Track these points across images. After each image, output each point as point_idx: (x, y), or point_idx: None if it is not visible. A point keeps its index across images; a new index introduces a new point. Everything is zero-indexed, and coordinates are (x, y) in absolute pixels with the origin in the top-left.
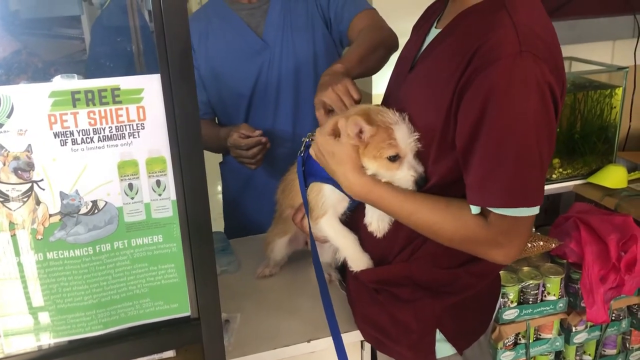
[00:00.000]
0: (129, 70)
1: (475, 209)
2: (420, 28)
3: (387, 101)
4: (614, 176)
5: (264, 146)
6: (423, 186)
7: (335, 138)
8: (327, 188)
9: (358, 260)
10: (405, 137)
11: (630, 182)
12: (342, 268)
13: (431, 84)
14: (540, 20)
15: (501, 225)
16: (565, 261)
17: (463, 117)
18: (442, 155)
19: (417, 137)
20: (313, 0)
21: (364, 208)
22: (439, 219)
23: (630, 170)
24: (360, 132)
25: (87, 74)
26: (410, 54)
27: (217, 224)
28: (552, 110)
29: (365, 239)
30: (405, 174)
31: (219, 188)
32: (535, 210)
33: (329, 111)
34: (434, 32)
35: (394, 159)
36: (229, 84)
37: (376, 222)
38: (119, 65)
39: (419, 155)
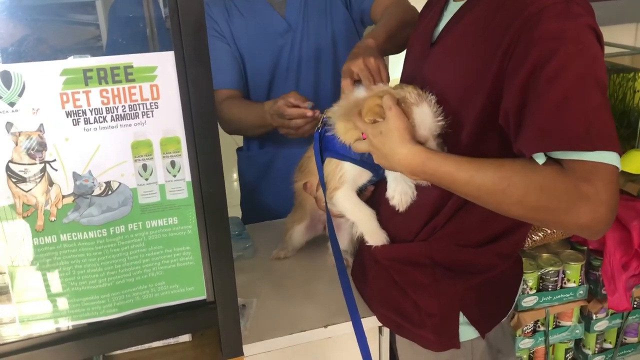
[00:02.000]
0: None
1: (540, 159)
2: (436, 3)
3: (410, 80)
4: (636, 161)
5: (311, 119)
6: None
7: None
8: (347, 162)
9: (375, 235)
10: (427, 120)
11: None
12: (360, 252)
13: (462, 54)
14: None
15: (580, 169)
16: (585, 248)
17: (514, 73)
18: (481, 133)
19: (441, 121)
20: None
21: (385, 184)
22: (505, 173)
23: None
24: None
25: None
26: (428, 30)
27: (234, 211)
28: (602, 53)
29: (384, 217)
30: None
31: (235, 175)
32: (614, 158)
33: (355, 81)
34: (454, 5)
35: None
36: (252, 63)
37: (399, 195)
38: (136, 50)
39: (448, 137)
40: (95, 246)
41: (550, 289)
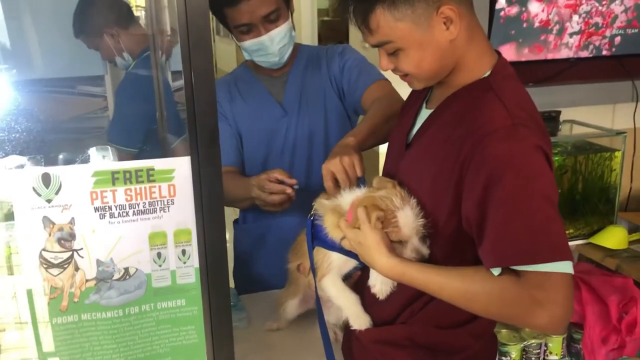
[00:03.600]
0: (152, 132)
1: (496, 272)
2: (411, 108)
3: (389, 175)
4: (614, 237)
5: (288, 197)
6: None
7: (355, 228)
8: (334, 252)
9: (360, 319)
10: (409, 222)
11: (630, 243)
12: (347, 331)
13: (431, 162)
14: (523, 97)
15: (533, 279)
16: None
17: (470, 188)
18: (454, 234)
19: (422, 221)
20: (326, 73)
21: (369, 270)
22: (469, 285)
23: (631, 231)
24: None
25: (110, 133)
26: (404, 131)
27: None
28: (549, 169)
29: (368, 301)
30: (408, 256)
31: (229, 245)
32: (564, 266)
33: (337, 181)
34: (425, 112)
35: (399, 242)
36: (249, 143)
37: (379, 284)
38: (142, 128)
39: (428, 235)
40: (112, 325)
41: None
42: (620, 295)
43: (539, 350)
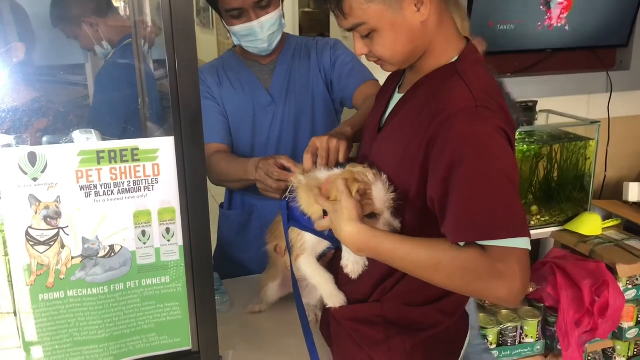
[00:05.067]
0: (132, 120)
1: (461, 243)
2: (385, 93)
3: (364, 159)
4: (588, 224)
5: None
6: None
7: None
8: (307, 233)
9: (334, 297)
10: (381, 196)
11: (604, 229)
12: (325, 311)
13: (399, 143)
14: (488, 81)
15: (495, 252)
16: (542, 305)
17: (435, 167)
18: (420, 211)
19: (393, 195)
20: (316, 63)
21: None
22: (435, 253)
23: (604, 218)
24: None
25: (90, 118)
26: (378, 116)
27: None
28: (511, 150)
29: (342, 280)
30: (380, 229)
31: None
32: (523, 242)
33: (316, 157)
34: (397, 97)
35: (372, 216)
36: (236, 129)
37: (351, 264)
38: (121, 116)
39: (397, 209)
40: (97, 301)
41: (509, 344)
42: (593, 279)
43: (515, 334)
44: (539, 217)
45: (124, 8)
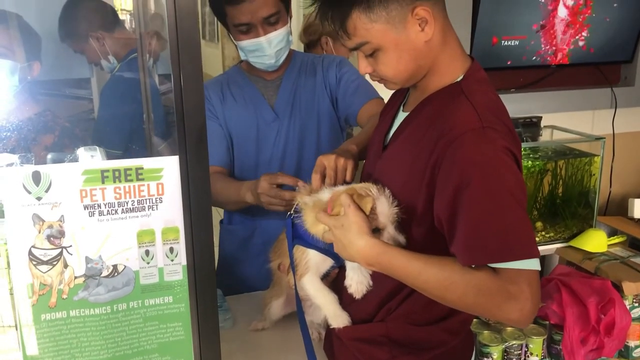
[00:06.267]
0: (136, 134)
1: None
2: (389, 111)
3: (368, 177)
4: (594, 240)
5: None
6: None
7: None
8: (312, 250)
9: (338, 318)
10: (385, 210)
11: (609, 246)
12: (328, 330)
13: (404, 162)
14: (494, 101)
15: (506, 274)
16: (547, 322)
17: (441, 188)
18: (427, 231)
19: (397, 209)
20: (322, 80)
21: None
22: (448, 273)
23: (610, 234)
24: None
25: (95, 131)
26: (382, 134)
27: None
28: (518, 170)
29: (346, 299)
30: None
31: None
32: (533, 263)
33: (324, 176)
34: (401, 115)
35: (375, 230)
36: (240, 145)
37: (355, 284)
38: (125, 131)
39: (402, 224)
40: (99, 321)
41: None
42: (598, 297)
43: (520, 352)
44: (543, 233)
45: (130, 21)
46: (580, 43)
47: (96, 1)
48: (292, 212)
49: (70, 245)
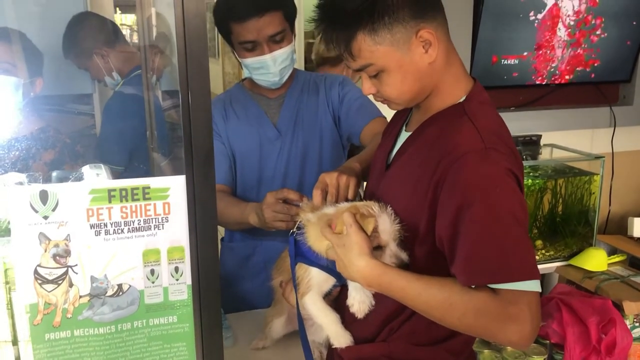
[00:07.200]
0: (139, 150)
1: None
2: (392, 130)
3: (371, 196)
4: (594, 259)
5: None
6: None
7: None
8: (314, 268)
9: (340, 337)
10: (387, 227)
11: (609, 265)
12: (330, 349)
13: (407, 181)
14: (496, 122)
15: (506, 295)
16: (548, 341)
17: (443, 208)
18: (429, 250)
19: (398, 226)
20: (324, 98)
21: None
22: (448, 294)
23: (609, 253)
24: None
25: (98, 146)
26: (385, 153)
27: None
28: (520, 192)
29: (348, 319)
30: (387, 262)
31: None
32: (533, 285)
33: (326, 193)
34: (404, 135)
35: (378, 248)
36: (242, 163)
37: (357, 304)
38: (127, 146)
39: (404, 243)
40: (104, 341)
41: None
42: (599, 316)
43: None
44: (543, 251)
45: (133, 38)
46: (579, 62)
47: (100, 18)
48: (294, 229)
49: (76, 264)
